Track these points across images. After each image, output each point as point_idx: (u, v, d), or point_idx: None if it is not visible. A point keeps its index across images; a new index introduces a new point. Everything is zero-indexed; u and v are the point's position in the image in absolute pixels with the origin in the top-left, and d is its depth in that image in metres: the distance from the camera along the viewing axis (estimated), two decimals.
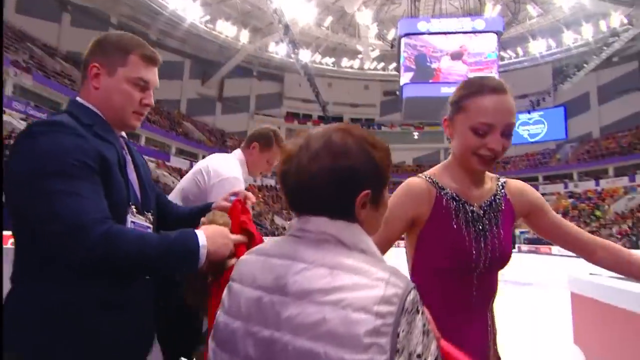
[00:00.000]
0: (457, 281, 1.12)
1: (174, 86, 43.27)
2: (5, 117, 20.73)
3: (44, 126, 0.97)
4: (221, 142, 45.00)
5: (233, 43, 41.56)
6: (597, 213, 36.36)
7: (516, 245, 38.83)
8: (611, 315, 1.48)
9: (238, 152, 2.16)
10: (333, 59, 47.53)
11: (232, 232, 1.08)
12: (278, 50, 43.90)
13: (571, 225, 1.24)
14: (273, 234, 30.47)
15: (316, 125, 41.86)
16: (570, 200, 41.04)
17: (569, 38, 39.15)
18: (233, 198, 1.26)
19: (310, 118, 51.85)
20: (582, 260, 1.32)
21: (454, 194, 1.16)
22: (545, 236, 1.24)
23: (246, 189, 1.72)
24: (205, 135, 43.29)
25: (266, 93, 50.07)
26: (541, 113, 44.71)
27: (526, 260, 24.18)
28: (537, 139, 46.48)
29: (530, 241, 38.32)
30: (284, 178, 0.77)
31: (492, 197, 1.20)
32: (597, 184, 40.37)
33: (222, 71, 43.75)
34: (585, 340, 1.65)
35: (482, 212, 1.16)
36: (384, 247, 1.17)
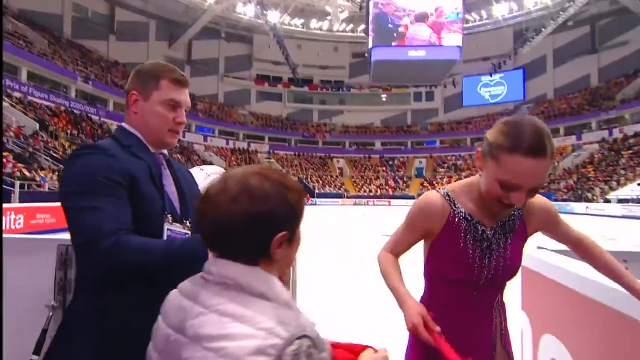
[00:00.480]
0: (461, 288, 1.19)
1: (140, 49, 40.86)
2: None
3: (83, 150, 1.09)
4: (192, 106, 43.44)
5: (200, 3, 39.36)
6: None
7: None
8: (552, 289, 1.64)
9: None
10: (302, 21, 45.94)
11: None
12: (246, 11, 41.91)
13: (577, 234, 1.27)
14: None
15: (287, 88, 41.16)
16: None
17: (530, 2, 39.33)
18: None
19: (280, 81, 50.68)
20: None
21: (468, 215, 1.18)
22: (557, 241, 1.31)
23: (219, 153, 1.73)
24: None
25: (235, 55, 48.19)
26: (502, 75, 45.54)
27: None
28: (497, 100, 47.55)
29: None
30: (202, 217, 0.75)
31: (507, 219, 1.20)
32: None
33: (189, 33, 41.61)
34: (531, 308, 1.81)
35: (492, 232, 1.18)
36: (401, 249, 1.29)
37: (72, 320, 1.06)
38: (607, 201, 26.40)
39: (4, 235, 2.82)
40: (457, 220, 1.18)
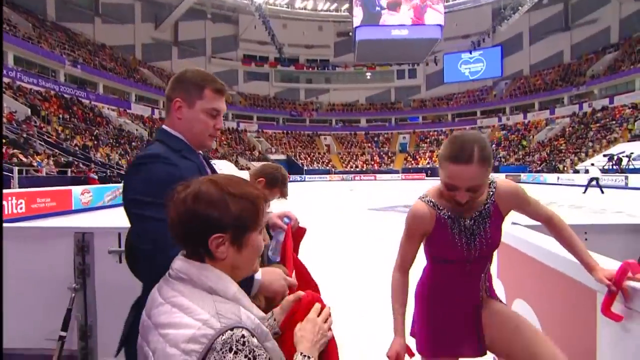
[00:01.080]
0: (455, 264, 1.40)
1: (126, 31, 39.47)
2: None
3: (146, 158, 1.15)
4: None
5: None
6: (524, 143, 38.82)
7: None
8: (523, 260, 1.80)
9: (246, 176, 2.23)
10: (287, 0, 44.71)
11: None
12: None
13: (546, 212, 1.44)
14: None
15: (273, 68, 40.29)
16: (503, 132, 43.32)
17: None
18: (287, 221, 1.43)
19: (266, 60, 49.70)
20: None
21: (449, 213, 1.38)
22: (530, 217, 1.48)
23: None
24: (163, 81, 40.63)
25: (221, 36, 46.89)
26: (481, 52, 45.42)
27: None
28: (477, 76, 47.59)
29: None
30: (167, 213, 0.83)
31: (482, 207, 1.38)
32: (525, 117, 42.64)
33: (175, 14, 40.20)
34: (505, 276, 1.97)
35: (472, 222, 1.37)
36: (410, 261, 1.45)
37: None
38: (576, 171, 27.15)
39: (23, 224, 2.89)
40: (442, 219, 1.37)
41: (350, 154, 48.14)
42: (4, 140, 14.55)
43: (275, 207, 1.93)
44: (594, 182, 18.14)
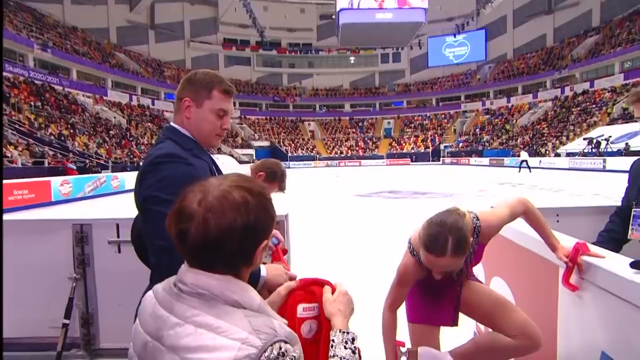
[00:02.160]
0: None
1: (99, 12, 38.07)
2: None
3: (164, 157, 1.19)
4: (159, 73, 41.61)
5: None
6: (507, 127, 39.62)
7: (440, 158, 41.81)
8: (500, 242, 2.01)
9: (246, 170, 2.31)
10: None
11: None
12: None
13: (517, 208, 1.59)
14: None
15: (255, 52, 39.41)
16: (487, 116, 44.04)
17: None
18: (275, 241, 1.50)
19: (247, 44, 48.89)
20: (491, 171, 1.77)
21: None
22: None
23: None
24: (141, 66, 39.65)
25: (200, 18, 45.84)
26: (465, 36, 45.66)
27: (449, 171, 26.32)
28: (461, 60, 47.91)
29: (452, 154, 41.37)
30: (182, 236, 0.73)
31: (471, 251, 1.56)
32: (509, 101, 43.40)
33: None
34: (485, 258, 2.16)
35: (460, 270, 1.58)
36: (400, 302, 1.61)
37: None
38: (557, 155, 27.99)
39: (24, 217, 2.95)
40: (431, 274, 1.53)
41: (334, 139, 48.23)
42: None
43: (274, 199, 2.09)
44: (524, 164, 23.23)
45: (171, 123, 1.37)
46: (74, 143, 19.80)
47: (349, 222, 7.87)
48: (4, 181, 10.48)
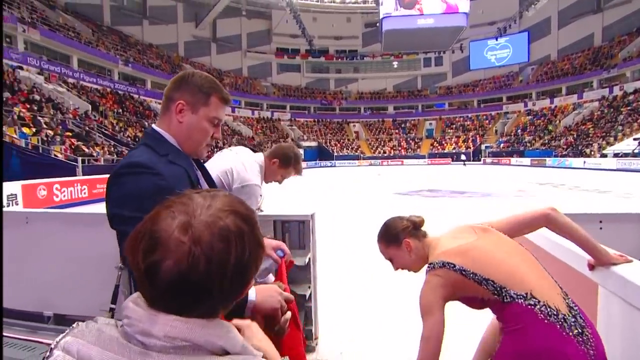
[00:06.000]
0: None
1: (170, 30, 40.45)
2: (23, 73, 19.59)
3: (127, 168, 0.99)
4: (219, 80, 43.15)
5: None
6: (550, 127, 36.74)
7: (481, 158, 39.73)
8: (534, 250, 1.75)
9: (261, 158, 2.09)
10: None
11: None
12: None
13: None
14: None
15: (304, 59, 39.95)
16: (529, 117, 41.15)
17: None
18: (281, 253, 1.30)
19: (298, 52, 49.43)
20: (532, 171, 1.49)
21: None
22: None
23: (246, 122, 1.63)
24: None
25: (256, 31, 46.94)
26: (507, 38, 42.92)
27: (490, 172, 24.93)
28: (503, 62, 45.15)
29: (493, 154, 39.14)
30: (153, 272, 0.50)
31: None
32: (552, 102, 40.20)
33: (213, 12, 40.60)
34: None
35: None
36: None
37: None
38: (604, 155, 25.48)
39: (78, 210, 3.09)
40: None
41: (378, 140, 47.48)
42: (69, 134, 15.47)
43: (292, 184, 1.95)
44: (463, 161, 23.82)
45: (153, 126, 1.13)
46: None
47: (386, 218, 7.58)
48: (90, 177, 11.34)
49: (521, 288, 1.10)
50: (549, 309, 1.06)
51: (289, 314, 0.98)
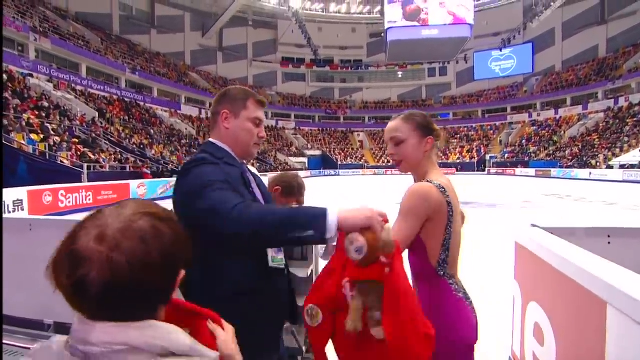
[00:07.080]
0: None
1: (177, 39, 40.99)
2: (33, 80, 19.91)
3: (192, 163, 1.15)
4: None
5: None
6: (555, 138, 36.55)
7: (486, 168, 39.53)
8: (537, 263, 1.70)
9: (266, 182, 2.12)
10: (322, 5, 44.57)
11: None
12: None
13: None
14: (276, 170, 30.76)
15: (309, 69, 40.40)
16: (533, 127, 41.01)
17: None
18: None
19: (303, 62, 49.85)
20: (537, 182, 1.44)
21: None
22: None
23: None
24: (210, 83, 41.85)
25: (261, 40, 47.48)
26: (511, 49, 43.06)
27: (494, 182, 24.78)
28: (507, 73, 45.29)
29: (497, 165, 38.96)
30: (81, 287, 0.51)
31: None
32: (557, 113, 40.08)
33: (219, 22, 41.13)
34: (521, 278, 1.86)
35: None
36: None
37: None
38: (610, 167, 25.27)
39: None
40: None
41: (382, 149, 47.41)
42: (76, 140, 15.61)
43: None
44: None
45: (210, 139, 1.31)
46: (151, 151, 21.19)
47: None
48: (95, 183, 11.41)
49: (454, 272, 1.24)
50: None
51: (389, 225, 0.89)
